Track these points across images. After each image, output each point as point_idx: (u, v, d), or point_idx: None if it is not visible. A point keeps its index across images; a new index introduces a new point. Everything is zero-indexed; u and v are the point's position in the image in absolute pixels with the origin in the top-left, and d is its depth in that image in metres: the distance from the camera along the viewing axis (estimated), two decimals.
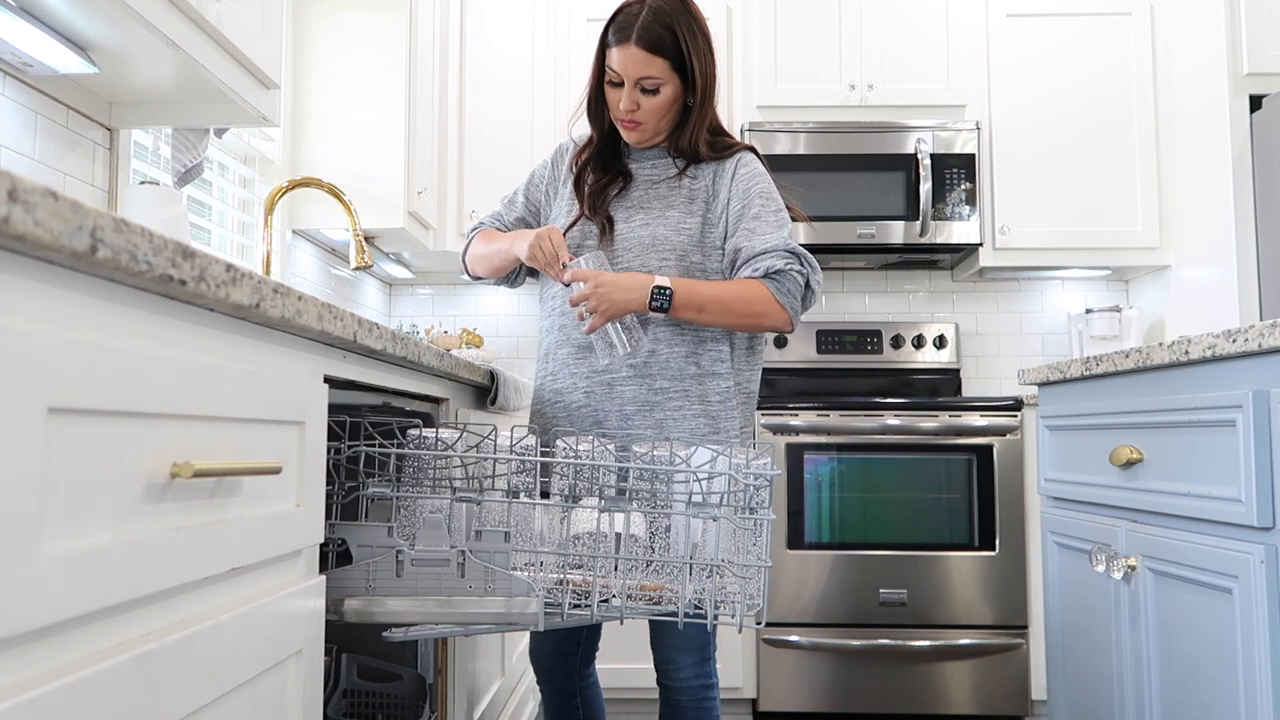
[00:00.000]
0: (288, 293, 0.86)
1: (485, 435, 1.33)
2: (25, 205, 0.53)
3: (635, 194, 1.74)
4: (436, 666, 1.61)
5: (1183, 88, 3.19)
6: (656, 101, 1.65)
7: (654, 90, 1.64)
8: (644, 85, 1.63)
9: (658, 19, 1.61)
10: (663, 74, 1.63)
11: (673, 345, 1.67)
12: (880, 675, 2.85)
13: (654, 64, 1.62)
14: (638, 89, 1.64)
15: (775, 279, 1.63)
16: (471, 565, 1.20)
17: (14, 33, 1.47)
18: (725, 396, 1.68)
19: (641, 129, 1.69)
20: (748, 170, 1.72)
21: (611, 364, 1.68)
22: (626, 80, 1.63)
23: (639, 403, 1.66)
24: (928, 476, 2.89)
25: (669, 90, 1.65)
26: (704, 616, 1.27)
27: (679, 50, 1.62)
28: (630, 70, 1.62)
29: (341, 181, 2.68)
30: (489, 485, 1.29)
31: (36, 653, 0.58)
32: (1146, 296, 3.49)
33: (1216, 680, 1.38)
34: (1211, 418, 1.39)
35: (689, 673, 1.68)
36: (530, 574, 1.25)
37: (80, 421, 0.61)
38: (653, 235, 1.68)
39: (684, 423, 1.65)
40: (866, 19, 3.34)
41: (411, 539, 1.22)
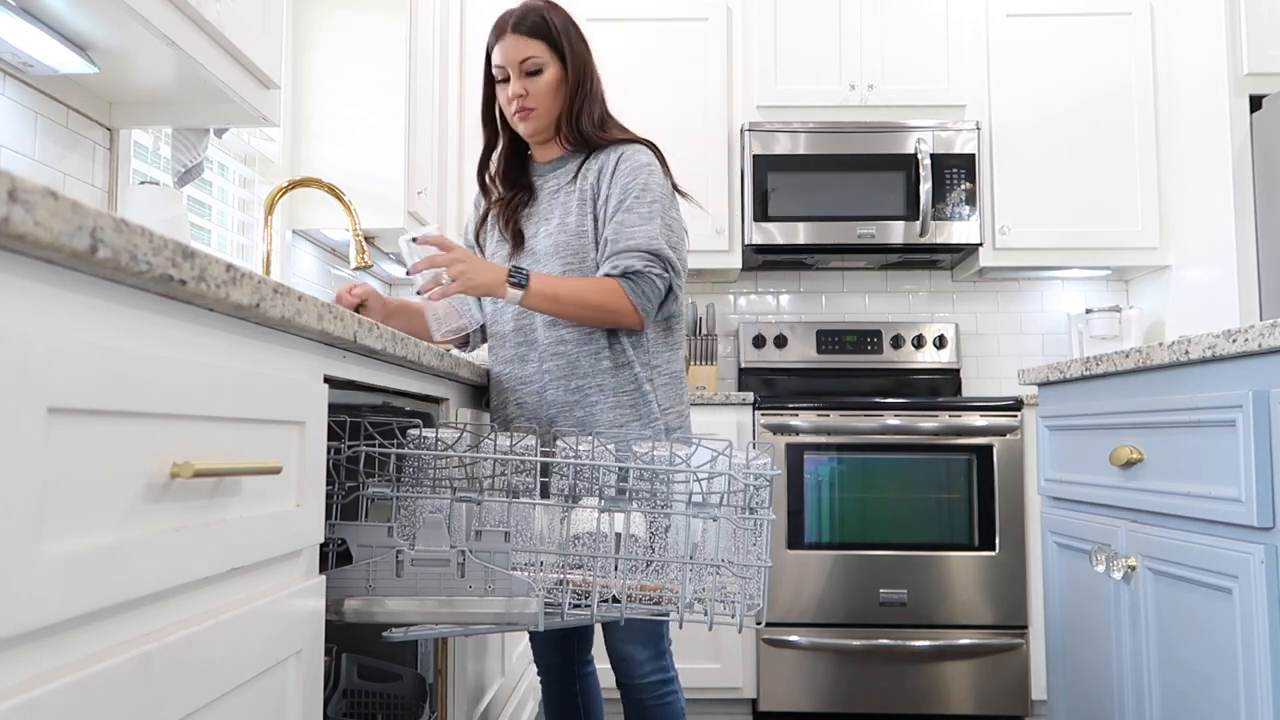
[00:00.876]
0: (288, 293, 0.86)
1: (485, 435, 1.33)
2: (25, 205, 0.53)
3: (540, 206, 1.81)
4: (436, 666, 1.61)
5: (1183, 88, 3.19)
6: (541, 82, 1.72)
7: (537, 71, 1.72)
8: (526, 68, 1.71)
9: (528, 11, 1.73)
10: (541, 54, 1.71)
11: (582, 345, 1.72)
12: (880, 675, 2.85)
13: (531, 45, 1.71)
14: (522, 75, 1.72)
15: (632, 280, 1.67)
16: (471, 565, 1.20)
17: (14, 33, 1.47)
18: (640, 382, 1.72)
19: (535, 115, 1.74)
20: (629, 164, 1.74)
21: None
22: (510, 68, 1.72)
23: (559, 405, 1.72)
24: (928, 476, 2.89)
25: (552, 71, 1.73)
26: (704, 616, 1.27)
27: (550, 32, 1.72)
28: (511, 56, 1.71)
29: (341, 181, 2.67)
30: (489, 485, 1.29)
31: (36, 653, 0.58)
32: (1146, 296, 3.49)
33: (1216, 680, 1.38)
34: (1211, 418, 1.39)
35: (647, 668, 1.70)
36: (530, 574, 1.25)
37: (80, 421, 0.61)
38: (554, 243, 1.74)
39: (602, 415, 1.70)
40: (866, 19, 3.34)
41: (411, 539, 1.22)
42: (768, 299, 3.69)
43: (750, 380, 3.52)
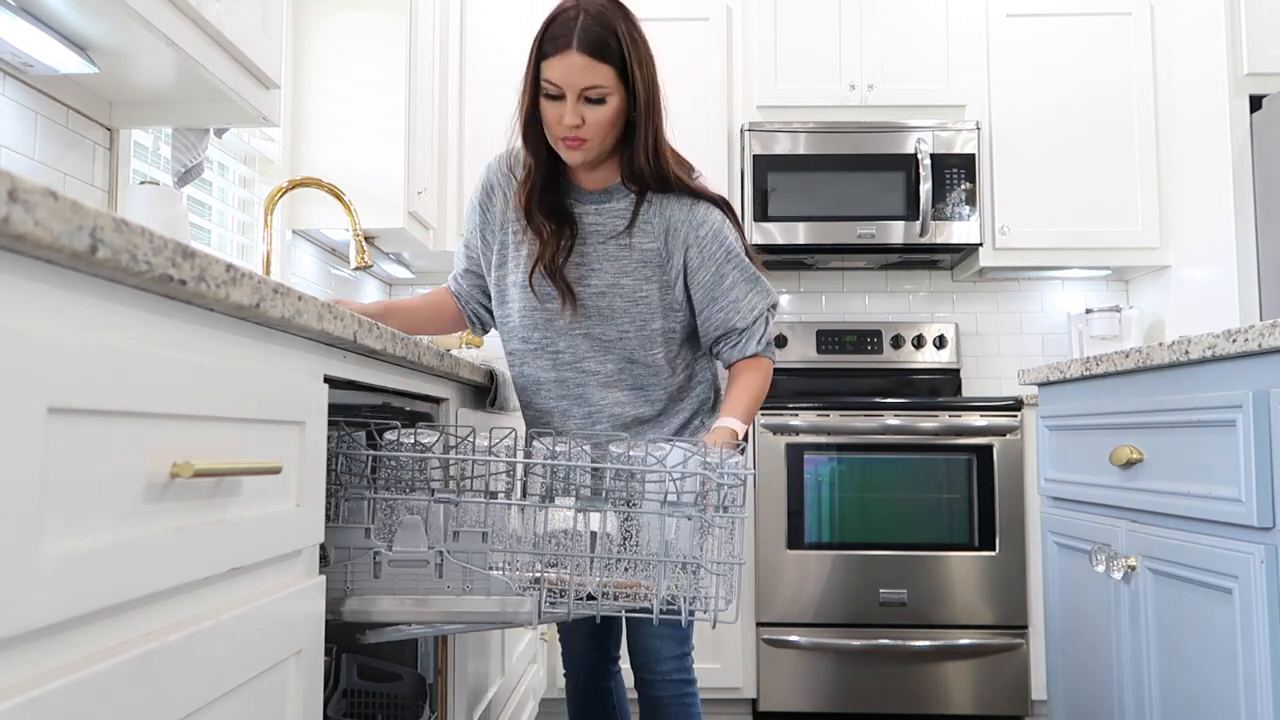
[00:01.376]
0: (288, 293, 0.86)
1: (464, 437, 1.33)
2: (25, 205, 0.53)
3: (587, 251, 1.63)
4: (436, 666, 1.61)
5: (1183, 88, 3.19)
6: (602, 114, 1.50)
7: (599, 100, 1.49)
8: (588, 95, 1.48)
9: (598, 22, 1.47)
10: (608, 82, 1.48)
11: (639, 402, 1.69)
12: (880, 675, 2.85)
13: (598, 70, 1.47)
14: (581, 101, 1.48)
15: (768, 346, 1.70)
16: (449, 565, 1.20)
17: (14, 33, 1.47)
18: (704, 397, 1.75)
19: (587, 147, 1.53)
20: (708, 231, 1.61)
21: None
22: (568, 92, 1.48)
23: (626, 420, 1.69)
24: (928, 476, 2.89)
25: (615, 101, 1.50)
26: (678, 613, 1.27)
27: (623, 55, 1.48)
28: (573, 80, 1.47)
29: (341, 181, 2.67)
30: (467, 486, 1.29)
31: (36, 653, 0.58)
32: (1146, 296, 3.49)
33: (1216, 680, 1.38)
34: (1211, 418, 1.39)
35: (670, 665, 1.69)
36: (507, 573, 1.25)
37: (80, 421, 0.61)
38: (610, 306, 1.63)
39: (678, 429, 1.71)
40: (866, 19, 3.34)
41: (389, 540, 1.22)
42: None
43: None
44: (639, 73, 1.51)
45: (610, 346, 1.66)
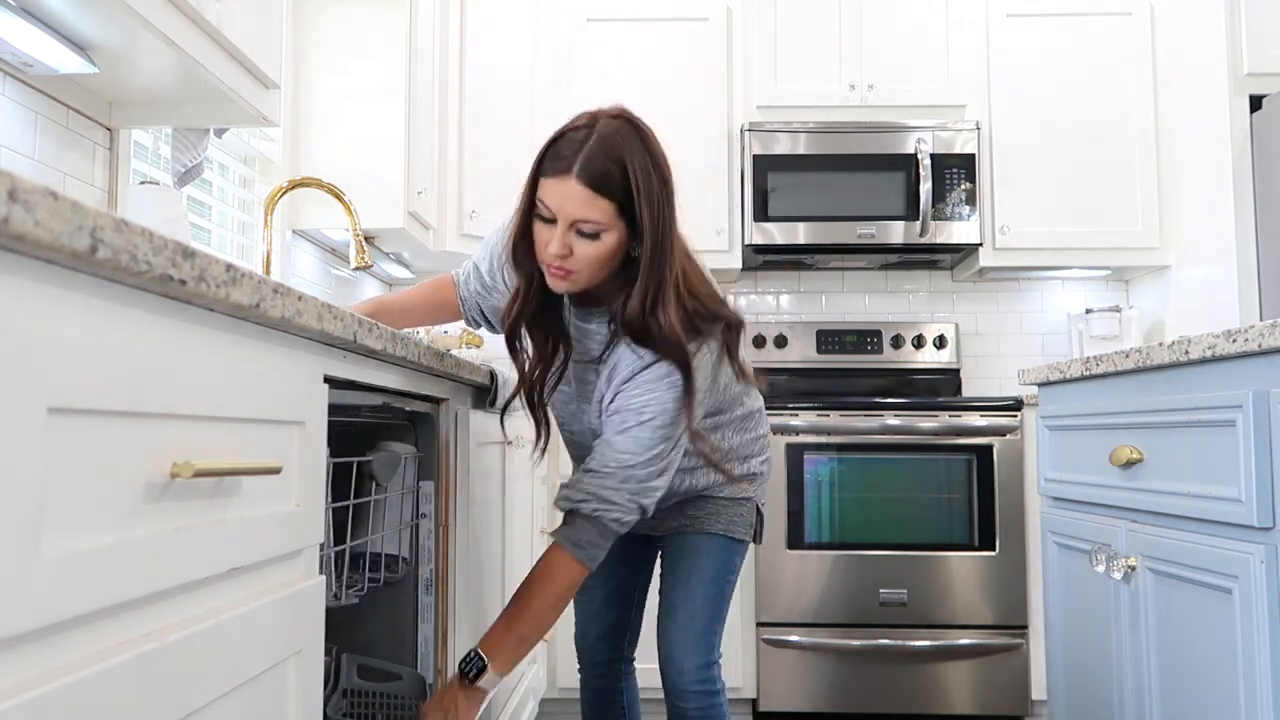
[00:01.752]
0: (288, 293, 0.86)
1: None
2: (25, 205, 0.53)
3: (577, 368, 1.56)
4: (436, 667, 1.61)
5: (1183, 88, 3.19)
6: (594, 250, 1.36)
7: (593, 235, 1.35)
8: (580, 228, 1.35)
9: (605, 149, 1.33)
10: (605, 219, 1.34)
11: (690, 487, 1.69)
12: (880, 675, 2.85)
13: (596, 205, 1.33)
14: (573, 232, 1.35)
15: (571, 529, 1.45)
16: None
17: (14, 33, 1.47)
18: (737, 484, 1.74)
19: (572, 279, 1.39)
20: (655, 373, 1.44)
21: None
22: (560, 219, 1.35)
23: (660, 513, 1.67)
24: (928, 476, 2.89)
25: (611, 238, 1.36)
26: None
27: (628, 191, 1.34)
28: (567, 209, 1.33)
29: (341, 181, 2.67)
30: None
31: (36, 653, 0.58)
32: (1146, 296, 3.49)
33: (1216, 680, 1.38)
34: (1211, 418, 1.39)
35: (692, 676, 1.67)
36: None
37: (80, 421, 0.61)
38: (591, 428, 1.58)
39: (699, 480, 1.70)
40: (866, 19, 3.34)
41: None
42: (768, 299, 3.69)
43: None
44: (646, 213, 1.35)
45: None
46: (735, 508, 1.73)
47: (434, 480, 1.61)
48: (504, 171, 3.27)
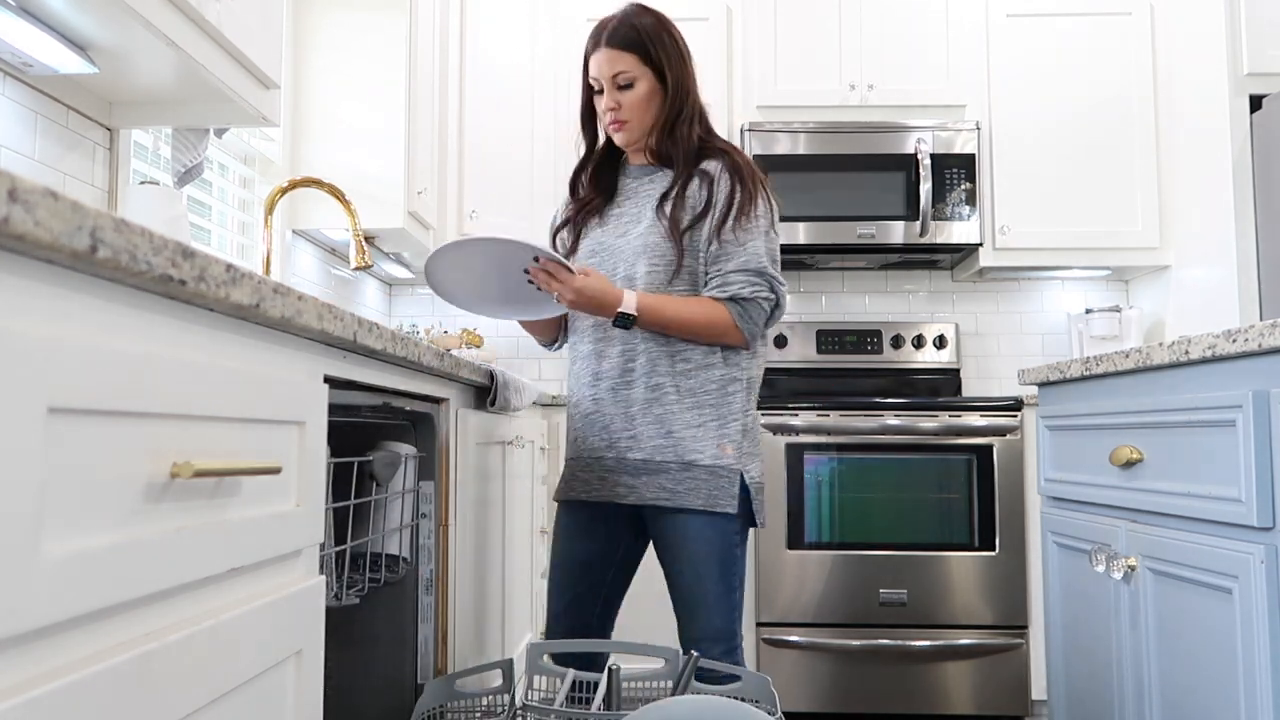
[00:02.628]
0: (288, 293, 0.86)
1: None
2: (25, 205, 0.53)
3: (628, 207, 1.81)
4: (436, 666, 1.61)
5: (1183, 88, 3.19)
6: (634, 96, 1.74)
7: (629, 85, 1.74)
8: (619, 82, 1.74)
9: (625, 22, 1.74)
10: (633, 68, 1.73)
11: (665, 344, 1.72)
12: (880, 675, 2.85)
13: (623, 59, 1.73)
14: (615, 88, 1.74)
15: (740, 305, 1.70)
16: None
17: (14, 33, 1.47)
18: (721, 384, 1.72)
19: (628, 128, 1.76)
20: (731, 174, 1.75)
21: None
22: (604, 81, 1.74)
23: (640, 402, 1.71)
24: (927, 476, 2.89)
25: (644, 85, 1.74)
26: None
27: (645, 46, 1.73)
28: (604, 69, 1.74)
29: (341, 181, 2.67)
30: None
31: (36, 653, 0.58)
32: (1146, 296, 3.49)
33: (1216, 680, 1.38)
34: (1211, 418, 1.39)
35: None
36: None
37: (80, 421, 0.61)
38: (644, 244, 1.74)
39: (681, 415, 1.70)
40: (866, 19, 3.34)
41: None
42: None
43: None
44: (665, 58, 1.75)
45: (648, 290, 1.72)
46: (715, 480, 1.68)
47: (434, 480, 1.62)
48: (504, 171, 3.27)
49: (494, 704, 1.52)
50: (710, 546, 1.68)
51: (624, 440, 1.72)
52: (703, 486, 1.68)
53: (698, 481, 1.68)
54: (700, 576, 1.68)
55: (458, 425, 1.67)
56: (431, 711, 1.45)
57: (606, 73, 1.74)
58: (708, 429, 1.70)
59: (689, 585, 1.69)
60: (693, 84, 1.81)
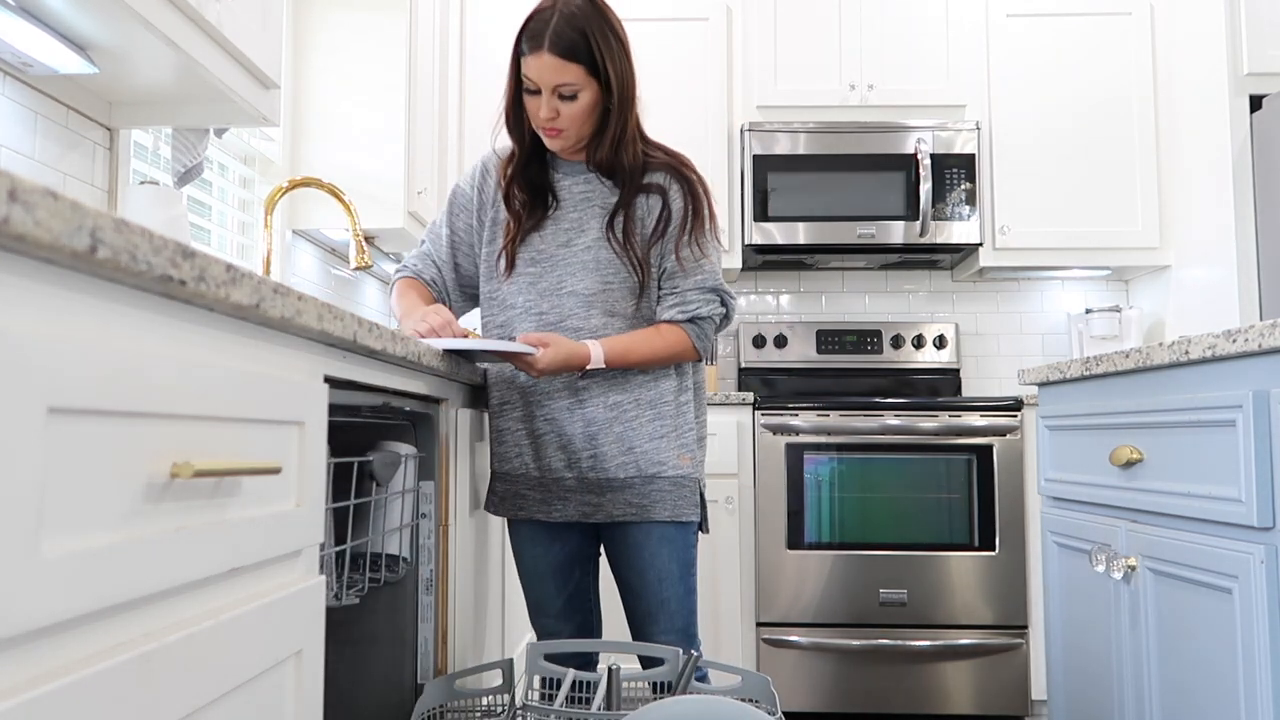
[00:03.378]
0: (288, 293, 0.86)
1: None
2: (25, 205, 0.53)
3: (569, 213, 1.72)
4: (436, 666, 1.61)
5: (1183, 88, 3.19)
6: (575, 108, 1.61)
7: (572, 96, 1.61)
8: (561, 92, 1.60)
9: (569, 24, 1.58)
10: (579, 79, 1.59)
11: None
12: (880, 675, 2.85)
13: (569, 69, 1.58)
14: (555, 96, 1.61)
15: (698, 324, 1.69)
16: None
17: (14, 33, 1.47)
18: (675, 395, 1.72)
19: (564, 136, 1.65)
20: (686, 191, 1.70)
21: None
22: (543, 88, 1.60)
23: (601, 421, 1.68)
24: (927, 476, 2.89)
25: (587, 95, 1.61)
26: None
27: (592, 55, 1.59)
28: (546, 78, 1.59)
29: (341, 181, 2.67)
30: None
31: (36, 653, 0.58)
32: (1146, 296, 3.49)
33: (1216, 680, 1.38)
34: (1211, 418, 1.39)
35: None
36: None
37: (80, 421, 0.61)
38: (595, 259, 1.69)
39: (642, 429, 1.69)
40: (866, 19, 3.34)
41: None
42: (768, 299, 3.69)
43: (750, 380, 3.52)
44: (611, 69, 1.61)
45: (593, 301, 1.68)
46: (679, 490, 1.69)
47: (434, 480, 1.62)
48: None
49: (494, 704, 1.52)
50: (673, 551, 1.69)
51: (585, 459, 1.68)
52: (667, 498, 1.68)
53: (662, 493, 1.68)
54: (662, 580, 1.68)
55: (458, 425, 1.67)
56: (431, 711, 1.45)
57: (549, 81, 1.59)
58: (668, 440, 1.69)
59: (651, 589, 1.69)
60: (634, 87, 1.68)
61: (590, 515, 1.70)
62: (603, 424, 1.68)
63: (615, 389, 1.69)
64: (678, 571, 1.69)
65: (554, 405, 1.70)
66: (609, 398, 1.68)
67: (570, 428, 1.69)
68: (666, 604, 1.69)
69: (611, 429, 1.68)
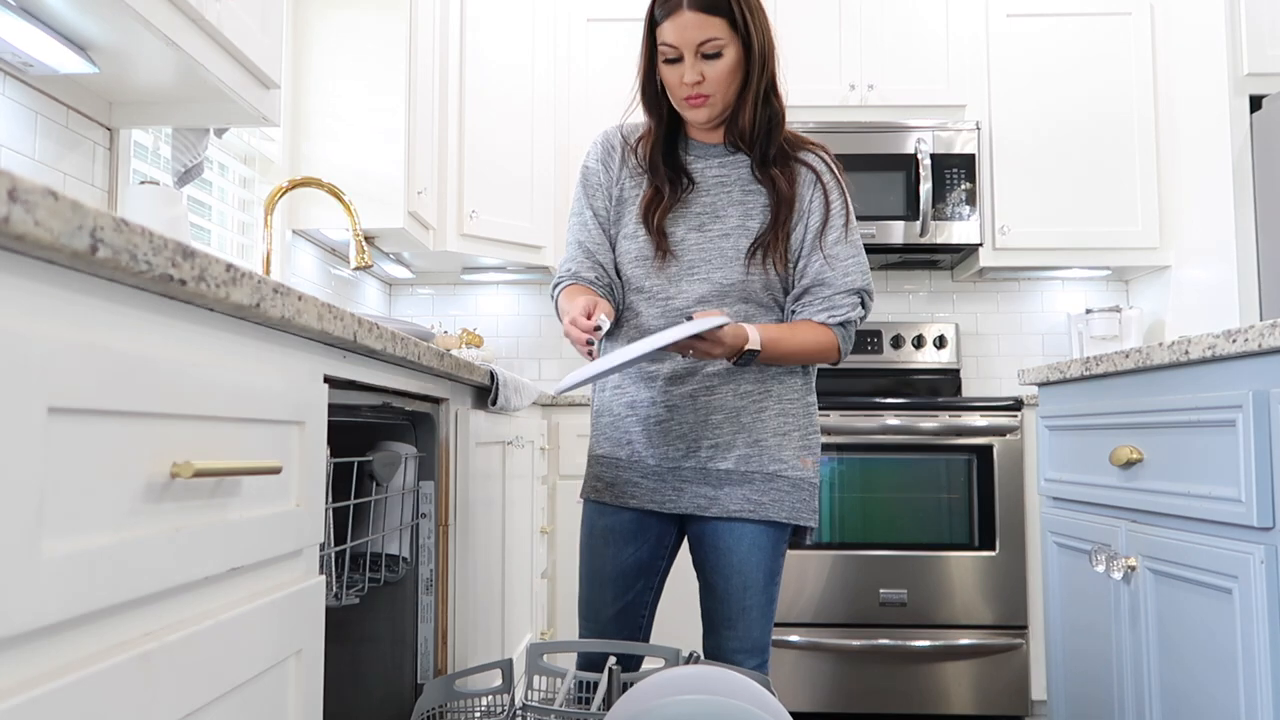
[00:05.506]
0: (288, 293, 0.86)
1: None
2: (25, 205, 0.53)
3: (706, 197, 1.63)
4: (436, 666, 1.61)
5: (1183, 88, 3.19)
6: (721, 67, 1.53)
7: (716, 54, 1.53)
8: (705, 51, 1.52)
9: None
10: (723, 34, 1.52)
11: None
12: (880, 675, 2.85)
13: (712, 24, 1.51)
14: (699, 57, 1.53)
15: (844, 328, 1.61)
16: None
17: (14, 33, 1.47)
18: (803, 393, 1.66)
19: (710, 102, 1.56)
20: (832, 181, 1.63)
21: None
22: (685, 50, 1.53)
23: (726, 409, 1.60)
24: (928, 476, 2.89)
25: (732, 53, 1.54)
26: None
27: (730, 8, 1.52)
28: (689, 36, 1.52)
29: (341, 181, 2.68)
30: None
31: (36, 653, 0.58)
32: (1146, 296, 3.49)
33: (1216, 680, 1.38)
34: (1211, 418, 1.39)
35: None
36: None
37: (80, 421, 0.61)
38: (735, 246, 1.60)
39: (769, 423, 1.61)
40: (866, 19, 3.34)
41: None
42: None
43: None
44: (751, 20, 1.54)
45: (728, 291, 1.60)
46: (798, 492, 1.61)
47: (434, 480, 1.62)
48: (504, 171, 3.27)
49: (494, 704, 1.52)
50: (765, 557, 1.60)
51: (706, 449, 1.60)
52: (787, 499, 1.60)
53: (782, 493, 1.60)
54: (748, 587, 1.60)
55: (458, 425, 1.67)
56: (431, 711, 1.45)
57: (693, 39, 1.51)
58: (792, 438, 1.62)
59: (735, 595, 1.60)
60: (773, 44, 1.58)
61: (705, 509, 1.60)
62: (728, 412, 1.60)
63: (747, 378, 1.60)
64: (763, 581, 1.60)
65: (679, 390, 1.61)
66: (740, 386, 1.60)
67: (691, 415, 1.60)
68: (747, 614, 1.60)
69: (739, 419, 1.60)
